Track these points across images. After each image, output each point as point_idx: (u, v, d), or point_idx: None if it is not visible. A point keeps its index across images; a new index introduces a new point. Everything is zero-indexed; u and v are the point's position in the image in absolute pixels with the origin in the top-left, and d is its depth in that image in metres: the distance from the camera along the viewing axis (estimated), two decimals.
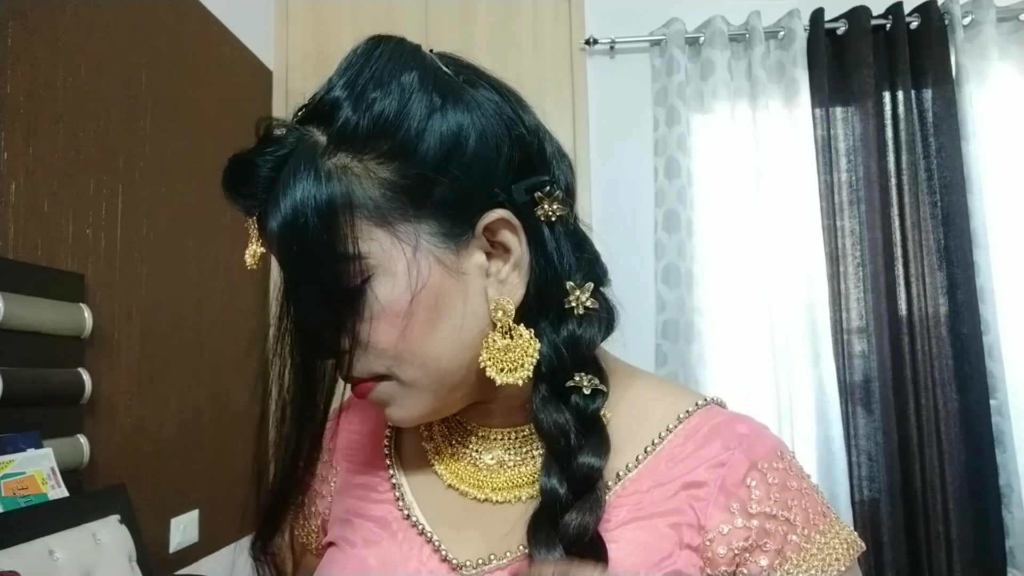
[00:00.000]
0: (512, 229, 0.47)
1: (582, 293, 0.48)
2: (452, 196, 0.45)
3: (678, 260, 1.86)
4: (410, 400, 0.48)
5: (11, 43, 1.08)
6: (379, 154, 0.44)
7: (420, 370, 0.46)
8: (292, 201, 0.42)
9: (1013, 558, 1.70)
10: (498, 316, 0.46)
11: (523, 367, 0.46)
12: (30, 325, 1.05)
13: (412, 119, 0.44)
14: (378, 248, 0.44)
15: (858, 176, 1.86)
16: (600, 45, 1.99)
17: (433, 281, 0.44)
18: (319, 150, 0.44)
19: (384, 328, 0.44)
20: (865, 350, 1.81)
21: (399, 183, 0.44)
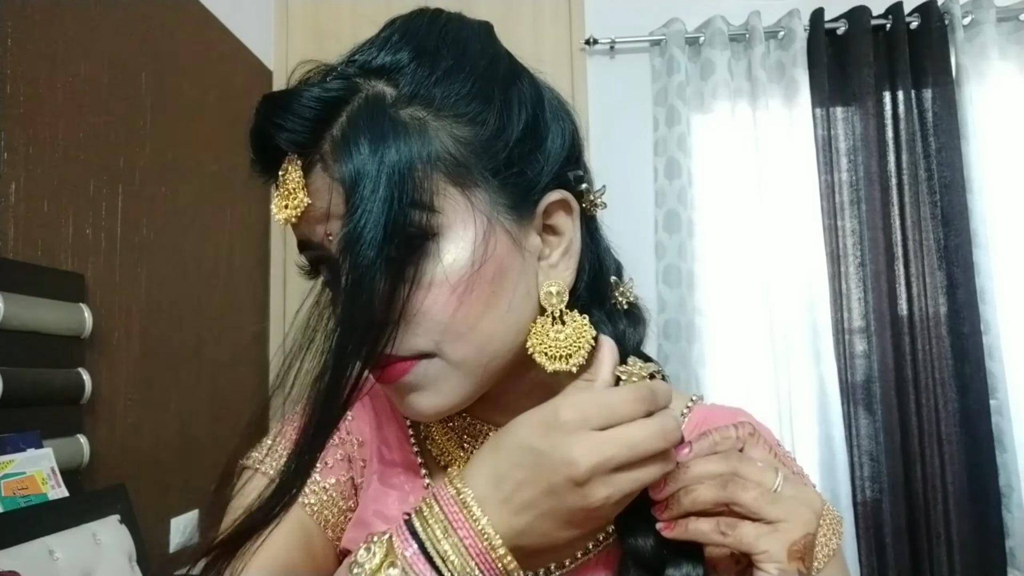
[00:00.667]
0: (569, 212, 0.46)
1: (626, 289, 0.48)
2: (527, 168, 0.44)
3: (679, 260, 1.86)
4: (450, 384, 0.44)
5: (11, 43, 1.08)
6: (458, 113, 0.42)
7: (472, 348, 0.43)
8: (366, 144, 0.39)
9: (1013, 558, 1.70)
10: (552, 301, 0.44)
11: (578, 353, 0.44)
12: (30, 325, 1.05)
13: (496, 81, 0.43)
14: (451, 207, 0.41)
15: (858, 176, 1.86)
16: (600, 45, 1.99)
17: (499, 253, 0.42)
18: (389, 99, 0.41)
19: (443, 296, 0.41)
20: (866, 350, 1.81)
21: (479, 145, 0.42)
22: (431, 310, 0.41)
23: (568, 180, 0.47)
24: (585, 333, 0.44)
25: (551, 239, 0.46)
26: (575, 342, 0.44)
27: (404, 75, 0.42)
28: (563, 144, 0.47)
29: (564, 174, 0.47)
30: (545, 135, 0.46)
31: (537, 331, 0.44)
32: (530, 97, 0.45)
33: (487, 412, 0.52)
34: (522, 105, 0.44)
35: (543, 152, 0.45)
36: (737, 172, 1.89)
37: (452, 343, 0.42)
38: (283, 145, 0.41)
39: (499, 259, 0.42)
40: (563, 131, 0.47)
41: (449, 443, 0.53)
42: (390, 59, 0.42)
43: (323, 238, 0.42)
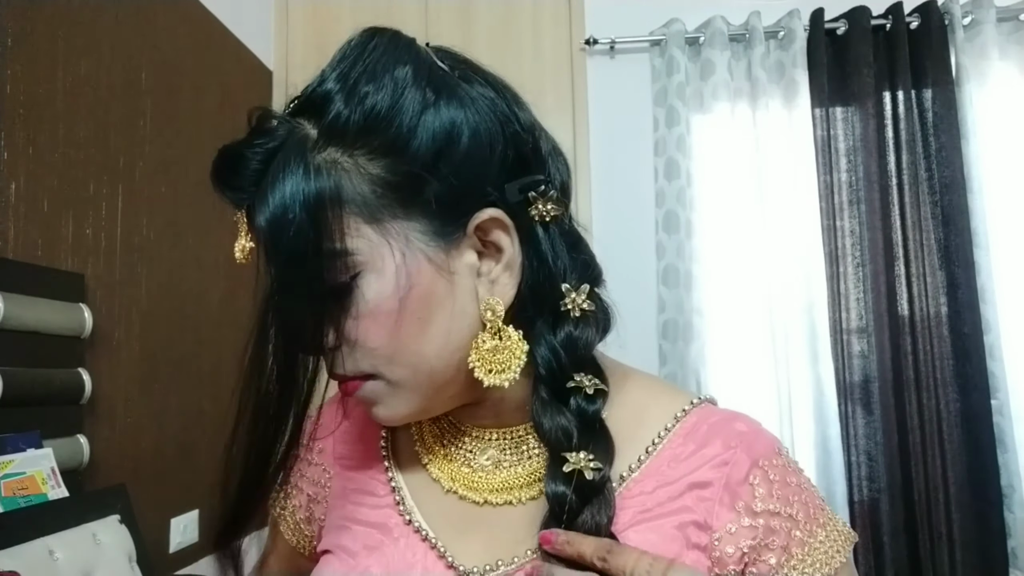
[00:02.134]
0: (504, 229, 0.46)
1: (578, 295, 0.48)
2: (443, 194, 0.44)
3: (677, 261, 1.86)
4: (397, 400, 0.47)
5: (11, 43, 1.08)
6: (370, 150, 0.43)
7: (408, 370, 0.45)
8: (280, 195, 0.41)
9: (1015, 559, 1.70)
10: (487, 317, 0.45)
11: (510, 368, 0.45)
12: (30, 325, 1.05)
13: (404, 115, 0.43)
14: (367, 245, 0.43)
15: (858, 176, 1.86)
16: (600, 45, 1.99)
17: (423, 281, 0.44)
18: (309, 144, 0.43)
19: (372, 327, 0.43)
20: (865, 350, 1.81)
21: (390, 180, 0.43)
22: (365, 339, 0.44)
23: (499, 197, 0.46)
24: (516, 349, 0.45)
25: (492, 255, 0.47)
26: (507, 358, 0.45)
27: (328, 111, 0.43)
28: (491, 161, 0.46)
29: (493, 192, 0.46)
30: (462, 158, 0.44)
31: (477, 347, 0.46)
32: (449, 121, 0.44)
33: (468, 415, 0.53)
34: (435, 134, 0.44)
35: (463, 173, 0.44)
36: (737, 172, 1.89)
37: (388, 366, 0.45)
38: (230, 201, 0.45)
39: (424, 286, 0.44)
40: (493, 147, 0.46)
41: (433, 440, 0.55)
42: (321, 92, 0.44)
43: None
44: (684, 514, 0.47)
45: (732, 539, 0.47)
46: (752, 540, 0.47)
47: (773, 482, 0.48)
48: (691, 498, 0.47)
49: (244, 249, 0.45)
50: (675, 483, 0.48)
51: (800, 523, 0.48)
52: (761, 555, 0.47)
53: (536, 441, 0.50)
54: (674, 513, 0.47)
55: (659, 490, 0.48)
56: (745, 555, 0.47)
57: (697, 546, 0.46)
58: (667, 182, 1.89)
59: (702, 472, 0.48)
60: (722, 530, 0.47)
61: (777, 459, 0.50)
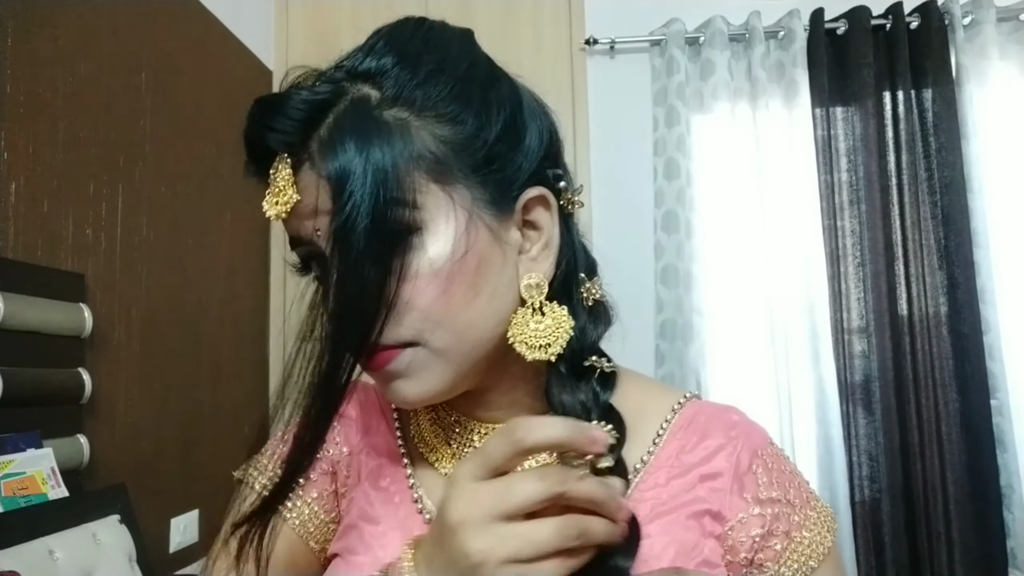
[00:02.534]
0: (547, 208, 0.48)
1: (592, 286, 0.50)
2: (506, 165, 0.46)
3: (677, 261, 1.86)
4: (432, 372, 0.46)
5: (11, 43, 1.08)
6: (438, 113, 0.44)
7: (454, 337, 0.45)
8: (350, 142, 0.41)
9: (1014, 558, 1.70)
10: (532, 293, 0.46)
11: (557, 342, 0.46)
12: (30, 325, 1.05)
13: (475, 83, 0.45)
14: (432, 203, 0.43)
15: (858, 176, 1.86)
16: (600, 45, 1.99)
17: (481, 246, 0.44)
18: (373, 101, 0.43)
19: (427, 287, 0.43)
20: (865, 350, 1.81)
21: (457, 143, 0.44)
22: (415, 300, 0.43)
23: (547, 177, 0.49)
24: (564, 323, 0.46)
25: (531, 234, 0.48)
26: (554, 332, 0.46)
27: (388, 78, 0.44)
28: (541, 142, 0.49)
29: (543, 171, 0.49)
30: (523, 134, 0.48)
31: (518, 321, 0.46)
32: (508, 98, 0.47)
33: (473, 408, 0.53)
34: (501, 105, 0.46)
35: (522, 150, 0.47)
36: (737, 172, 1.89)
37: (434, 332, 0.44)
38: (273, 145, 0.43)
39: (479, 252, 0.44)
40: (540, 130, 0.49)
41: (436, 439, 0.55)
42: (375, 64, 0.44)
43: (312, 233, 0.44)
44: (699, 504, 0.49)
45: (744, 527, 0.49)
46: (761, 528, 0.49)
47: (772, 470, 0.51)
48: (704, 489, 0.50)
49: (288, 201, 0.43)
50: (687, 475, 0.50)
51: (796, 507, 0.51)
52: (768, 542, 0.49)
53: None
54: (689, 504, 0.49)
55: (672, 482, 0.50)
56: (755, 543, 0.49)
57: (712, 535, 0.49)
58: (667, 182, 1.89)
59: (712, 463, 0.50)
60: (734, 519, 0.49)
61: (771, 448, 0.53)
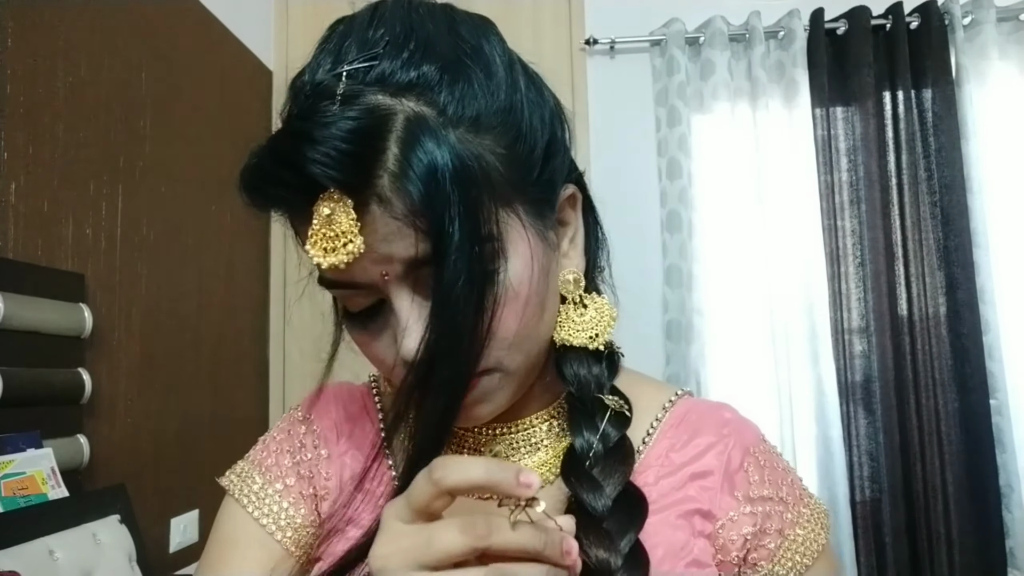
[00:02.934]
0: (575, 204, 0.48)
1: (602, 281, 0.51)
2: (551, 175, 0.45)
3: (680, 261, 1.86)
4: (505, 392, 0.44)
5: (11, 43, 1.08)
6: (493, 131, 0.40)
7: (524, 357, 0.43)
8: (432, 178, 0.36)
9: (1013, 558, 1.70)
10: (570, 288, 0.46)
11: (604, 331, 0.46)
12: (30, 325, 1.05)
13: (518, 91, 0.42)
14: (506, 229, 0.40)
15: (858, 176, 1.86)
16: (600, 45, 1.99)
17: (545, 262, 0.43)
18: (430, 122, 0.38)
19: (509, 316, 0.41)
20: (865, 350, 1.81)
21: (517, 160, 0.41)
22: (501, 329, 0.41)
23: (575, 171, 0.48)
24: (606, 311, 0.46)
25: (560, 230, 0.48)
26: (599, 321, 0.46)
27: (438, 93, 0.39)
28: (569, 141, 0.48)
29: (572, 169, 0.48)
30: (562, 139, 0.46)
31: (563, 320, 0.46)
32: (545, 98, 0.46)
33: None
34: (543, 109, 0.44)
35: (560, 155, 0.46)
36: (736, 173, 1.89)
37: (509, 356, 0.43)
38: (324, 183, 0.37)
39: (545, 266, 0.43)
40: (564, 124, 0.48)
41: None
42: (416, 74, 0.39)
43: (377, 278, 0.40)
44: (689, 504, 0.48)
45: (734, 526, 0.48)
46: (752, 527, 0.48)
47: (764, 468, 0.50)
48: (694, 488, 0.49)
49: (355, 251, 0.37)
50: (676, 473, 0.49)
51: (789, 505, 0.50)
52: (761, 540, 0.49)
53: (544, 432, 0.50)
54: (679, 503, 0.48)
55: (662, 481, 0.49)
56: (747, 541, 0.48)
57: (703, 534, 0.48)
58: (669, 182, 1.89)
59: (702, 462, 0.50)
60: (724, 517, 0.48)
61: (763, 445, 0.52)
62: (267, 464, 0.56)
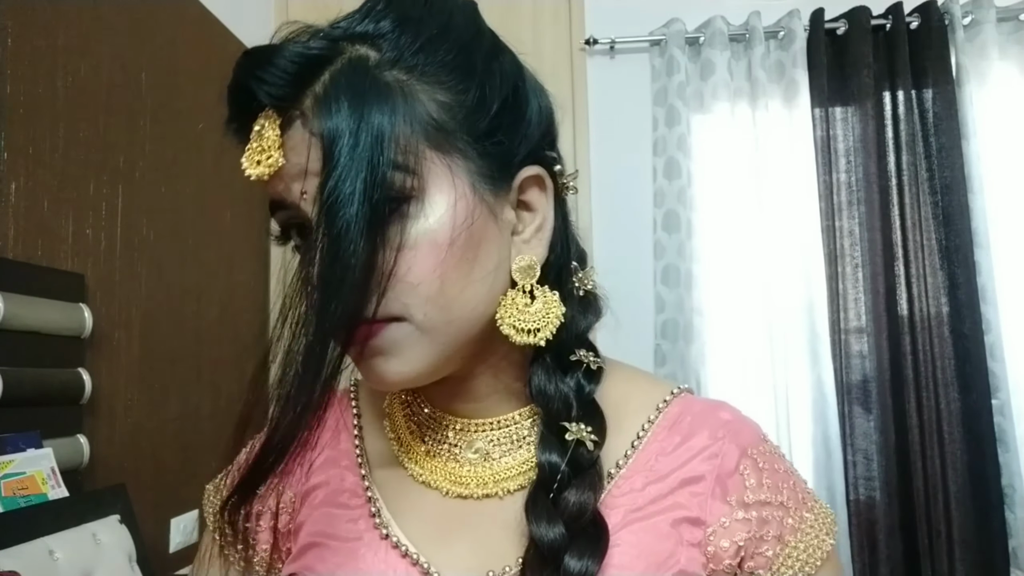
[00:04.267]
0: (543, 188, 0.47)
1: (585, 276, 0.49)
2: (505, 139, 0.44)
3: (678, 260, 1.86)
4: (416, 351, 0.42)
5: (11, 43, 1.08)
6: (440, 80, 0.42)
7: (442, 314, 0.42)
8: (347, 101, 0.39)
9: (1016, 558, 1.69)
10: (523, 275, 0.45)
11: (546, 327, 0.44)
12: (30, 325, 1.05)
13: (478, 52, 0.44)
14: (431, 171, 0.41)
15: (858, 176, 1.86)
16: (600, 45, 1.99)
17: (479, 221, 0.43)
18: (371, 61, 0.41)
19: (419, 259, 0.40)
20: (865, 350, 1.81)
21: (457, 110, 0.42)
22: (411, 272, 0.41)
23: (544, 157, 0.48)
24: (554, 308, 0.45)
25: (524, 215, 0.47)
26: (544, 316, 0.45)
27: (387, 41, 0.42)
28: (541, 121, 0.48)
29: (541, 151, 0.47)
30: (525, 109, 0.46)
31: (507, 304, 0.45)
32: (512, 71, 0.46)
33: (450, 400, 0.51)
34: (504, 77, 0.45)
35: (523, 124, 0.46)
36: (736, 172, 1.89)
37: (422, 307, 0.41)
38: (262, 98, 0.41)
39: (479, 226, 0.43)
40: (541, 108, 0.48)
41: (411, 436, 0.52)
42: (373, 26, 0.42)
43: (297, 197, 0.42)
44: (677, 511, 0.46)
45: (726, 533, 0.46)
46: (747, 533, 0.46)
47: (763, 470, 0.48)
48: (684, 495, 0.47)
49: (274, 162, 0.40)
50: (665, 479, 0.47)
51: (791, 510, 0.47)
52: (758, 548, 0.46)
53: (527, 428, 0.49)
54: (667, 511, 0.46)
55: (649, 487, 0.47)
56: (741, 548, 0.46)
57: (691, 543, 0.46)
58: (667, 181, 1.89)
59: (692, 466, 0.47)
60: (715, 524, 0.46)
61: (763, 446, 0.49)
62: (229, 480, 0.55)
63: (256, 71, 0.41)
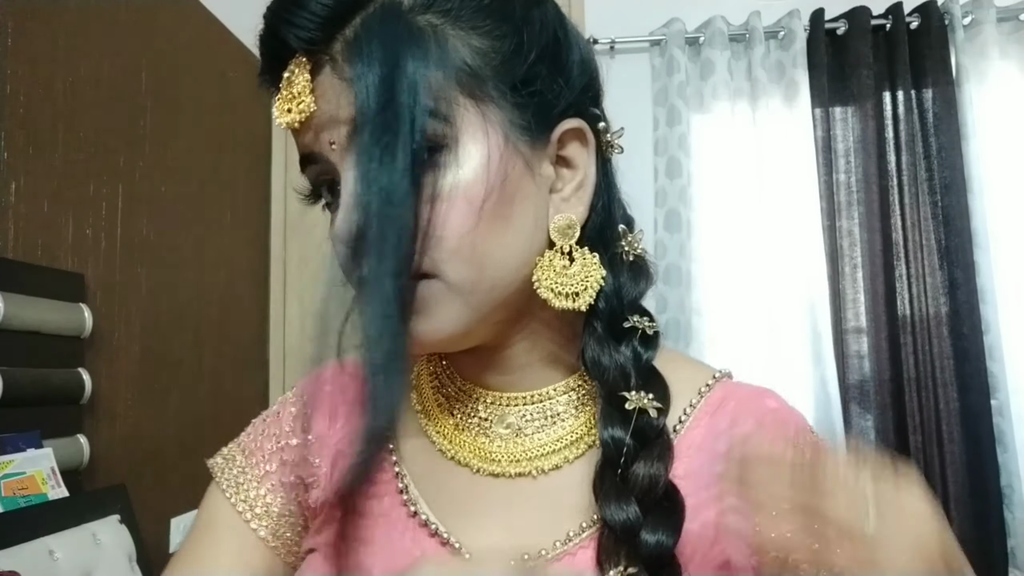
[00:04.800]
0: (584, 143, 0.44)
1: (634, 239, 0.46)
2: (545, 89, 0.42)
3: (679, 260, 1.86)
4: (447, 309, 0.40)
5: (11, 43, 1.08)
6: (475, 25, 0.40)
7: (475, 272, 0.40)
8: (379, 46, 0.37)
9: (1015, 558, 1.70)
10: (562, 234, 0.43)
11: (586, 291, 0.42)
12: (30, 325, 1.05)
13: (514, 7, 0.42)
14: (465, 119, 0.39)
15: (858, 176, 1.86)
16: (600, 45, 1.99)
17: (515, 174, 0.40)
18: (405, 5, 0.39)
19: (452, 213, 0.38)
20: (865, 350, 1.81)
21: (496, 59, 0.40)
22: (445, 226, 0.38)
23: (586, 110, 0.45)
24: (594, 272, 0.43)
25: (564, 172, 0.44)
26: (583, 280, 0.42)
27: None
28: (584, 73, 0.45)
29: (582, 104, 0.45)
30: (566, 59, 0.44)
31: (544, 265, 0.42)
32: (552, 20, 0.44)
33: (482, 373, 0.48)
34: (544, 25, 0.43)
35: (563, 75, 0.43)
36: (737, 172, 1.89)
37: (454, 263, 0.39)
38: (292, 42, 0.39)
39: (515, 180, 0.40)
40: (584, 60, 0.46)
41: (439, 409, 0.50)
42: None
43: (327, 148, 0.40)
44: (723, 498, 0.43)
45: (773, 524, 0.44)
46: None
47: None
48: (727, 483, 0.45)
49: (305, 108, 0.39)
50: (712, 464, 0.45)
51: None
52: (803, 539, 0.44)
53: (563, 404, 0.46)
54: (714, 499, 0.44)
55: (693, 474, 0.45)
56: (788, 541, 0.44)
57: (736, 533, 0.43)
58: (668, 181, 1.89)
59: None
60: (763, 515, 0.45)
61: (809, 436, 0.47)
62: (251, 448, 0.53)
63: (285, 15, 0.39)
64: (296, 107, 0.39)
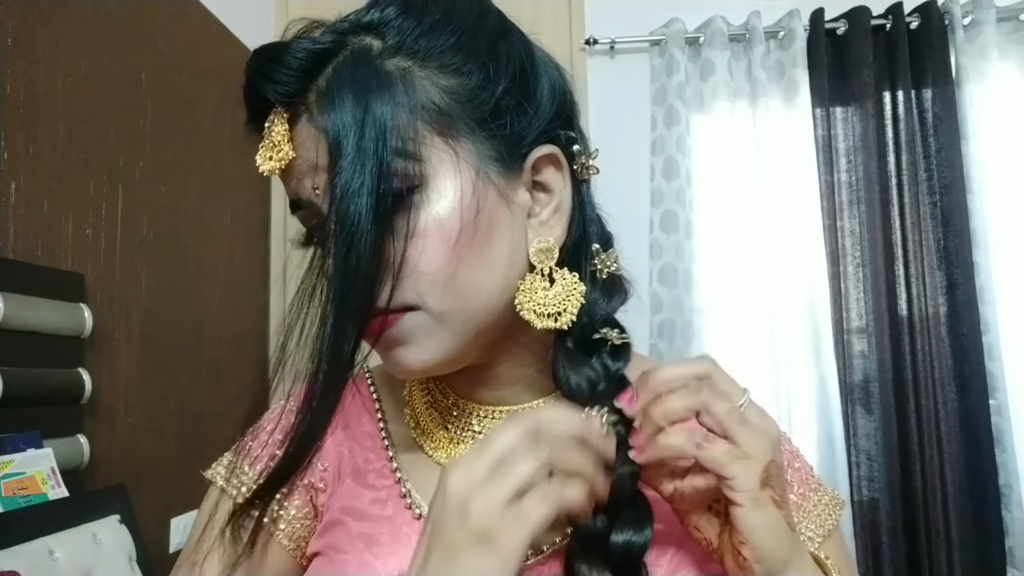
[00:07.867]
0: (559, 168, 0.46)
1: (607, 258, 0.48)
2: (515, 120, 0.44)
3: (676, 260, 1.86)
4: (433, 339, 0.43)
5: (11, 43, 1.08)
6: (443, 64, 0.42)
7: (458, 301, 0.42)
8: (351, 94, 0.39)
9: (1013, 557, 1.70)
10: (541, 257, 0.44)
11: (567, 311, 0.43)
12: (30, 325, 1.05)
13: (482, 35, 0.44)
14: (437, 157, 0.41)
15: (858, 176, 1.86)
16: (600, 45, 1.99)
17: (489, 205, 0.42)
18: (374, 51, 0.41)
19: (430, 247, 0.40)
20: (865, 350, 1.81)
21: (462, 95, 0.42)
22: (423, 261, 0.41)
23: (559, 137, 0.47)
24: (575, 291, 0.44)
25: (541, 196, 0.46)
26: (564, 300, 0.44)
27: (390, 28, 0.42)
28: (553, 99, 0.47)
29: (554, 130, 0.46)
30: (534, 88, 0.45)
31: (526, 288, 0.44)
32: (519, 50, 0.45)
33: (473, 388, 0.50)
34: (511, 57, 0.44)
35: (532, 105, 0.45)
36: (737, 172, 1.89)
37: (436, 295, 0.41)
38: (270, 96, 0.42)
39: (490, 211, 0.42)
40: (553, 86, 0.47)
41: (432, 424, 0.51)
42: (378, 15, 0.43)
43: (311, 193, 0.42)
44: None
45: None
46: None
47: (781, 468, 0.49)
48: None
49: (284, 157, 0.41)
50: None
51: (795, 487, 0.51)
52: None
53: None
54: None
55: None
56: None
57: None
58: (665, 181, 1.89)
59: None
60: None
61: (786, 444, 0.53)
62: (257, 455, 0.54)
63: (263, 69, 0.41)
64: (276, 155, 0.42)
